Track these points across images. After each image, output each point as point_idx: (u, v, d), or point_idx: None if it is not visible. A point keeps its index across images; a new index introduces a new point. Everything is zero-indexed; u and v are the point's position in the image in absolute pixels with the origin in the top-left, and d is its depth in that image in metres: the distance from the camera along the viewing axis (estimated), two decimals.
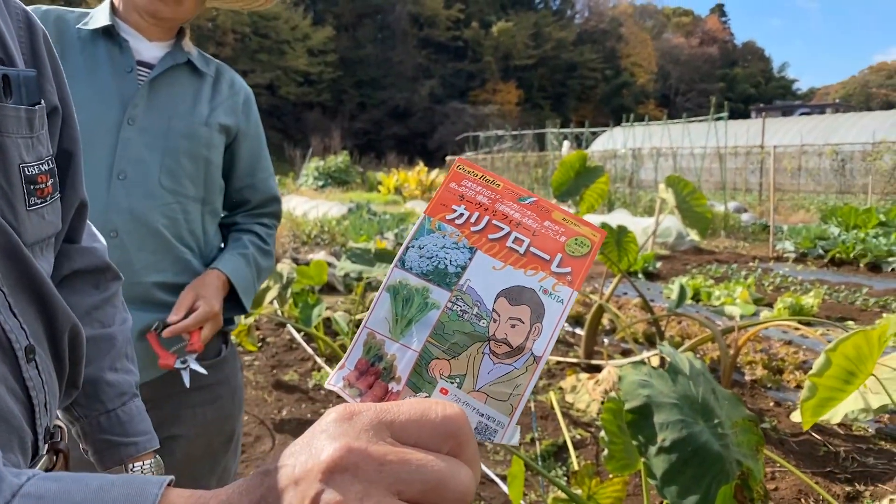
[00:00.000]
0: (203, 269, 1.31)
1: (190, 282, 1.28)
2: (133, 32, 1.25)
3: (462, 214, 0.49)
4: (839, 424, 2.98)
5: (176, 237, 1.26)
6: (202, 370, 1.22)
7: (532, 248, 0.47)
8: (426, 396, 0.44)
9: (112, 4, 1.26)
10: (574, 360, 3.94)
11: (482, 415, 0.44)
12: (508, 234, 0.48)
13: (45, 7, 1.23)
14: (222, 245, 1.42)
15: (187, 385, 1.21)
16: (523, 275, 0.46)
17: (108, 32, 1.23)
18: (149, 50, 1.26)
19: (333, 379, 0.45)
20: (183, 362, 1.20)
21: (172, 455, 1.29)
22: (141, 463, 0.81)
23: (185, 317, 1.20)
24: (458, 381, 0.44)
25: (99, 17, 1.23)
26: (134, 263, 1.20)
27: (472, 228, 0.48)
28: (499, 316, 0.45)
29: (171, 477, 0.38)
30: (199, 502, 0.36)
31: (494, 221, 0.48)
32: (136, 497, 0.35)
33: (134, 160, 1.20)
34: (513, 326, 0.44)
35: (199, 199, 1.31)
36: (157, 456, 0.84)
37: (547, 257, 0.47)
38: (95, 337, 0.78)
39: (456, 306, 0.45)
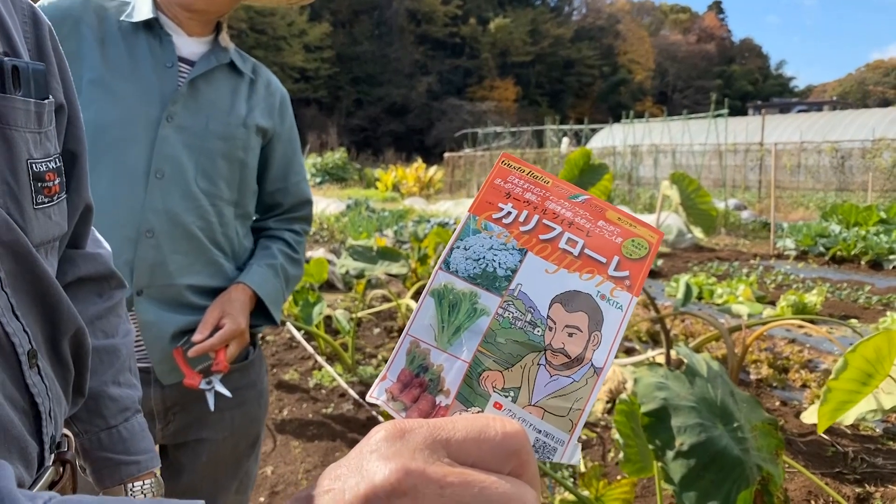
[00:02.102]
0: (235, 273, 1.29)
1: (222, 285, 1.26)
2: (173, 26, 1.22)
3: (510, 213, 0.45)
4: (846, 425, 2.96)
5: (210, 240, 1.24)
6: (227, 393, 1.19)
7: (587, 250, 0.44)
8: (478, 411, 0.40)
9: None
10: None
11: (539, 431, 0.40)
12: (561, 234, 0.44)
13: None
14: (253, 248, 1.39)
15: (211, 408, 1.19)
16: (578, 279, 0.42)
17: (149, 26, 1.19)
18: (188, 46, 1.23)
19: (376, 392, 0.42)
20: (208, 383, 1.18)
21: (198, 458, 1.27)
22: (141, 483, 0.77)
23: (211, 335, 1.17)
24: (512, 394, 0.41)
25: (142, 9, 1.19)
26: (168, 264, 1.17)
27: (521, 228, 0.44)
28: (554, 324, 0.41)
29: (202, 502, 0.35)
30: None
31: (545, 221, 0.45)
32: None
33: (171, 159, 1.17)
34: (570, 335, 0.41)
35: (233, 202, 1.28)
36: (158, 475, 0.80)
37: (603, 260, 0.43)
38: (99, 348, 0.74)
39: (507, 313, 0.42)
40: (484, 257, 0.44)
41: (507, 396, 0.41)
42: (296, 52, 46.96)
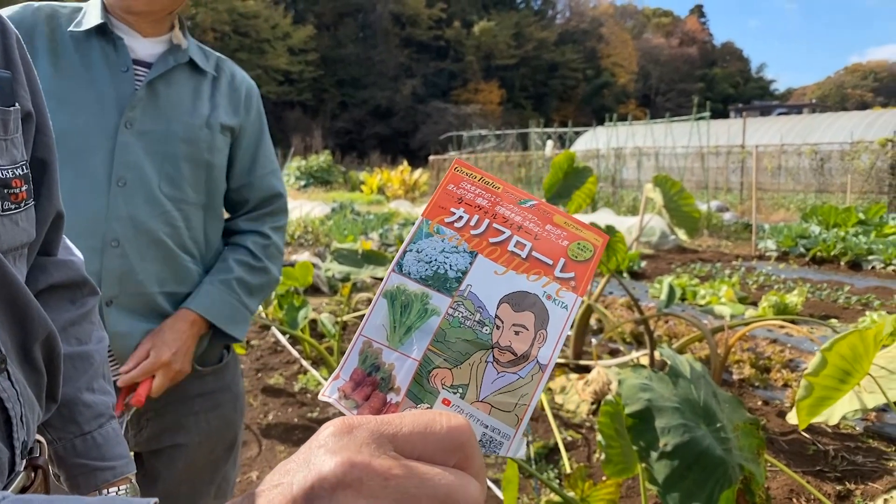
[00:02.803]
0: (203, 277, 1.27)
1: (191, 291, 1.23)
2: (126, 29, 1.20)
3: (461, 217, 0.47)
4: (826, 423, 3.00)
5: (178, 245, 1.21)
6: (120, 428, 1.18)
7: (534, 253, 0.46)
8: (428, 407, 0.42)
9: (103, 1, 1.20)
10: (563, 361, 3.92)
11: (487, 426, 0.42)
12: (510, 237, 0.46)
13: (37, 3, 1.17)
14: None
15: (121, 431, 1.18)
16: (526, 280, 0.44)
17: (102, 31, 1.17)
18: (144, 47, 1.21)
19: (328, 390, 0.43)
20: (126, 411, 1.16)
21: (174, 464, 1.26)
22: (116, 488, 0.76)
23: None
24: (460, 391, 0.42)
25: (91, 16, 1.17)
26: (137, 273, 1.16)
27: (472, 232, 0.46)
28: (502, 322, 0.43)
29: (156, 500, 0.35)
30: None
31: (495, 225, 0.47)
32: None
33: (133, 166, 1.15)
34: (517, 333, 0.43)
35: (201, 204, 1.25)
36: (133, 481, 0.80)
37: (550, 262, 0.45)
38: (72, 355, 0.74)
39: (457, 313, 0.43)
40: (436, 259, 0.45)
41: (455, 393, 0.42)
42: (280, 54, 46.72)
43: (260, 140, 1.37)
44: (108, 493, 0.76)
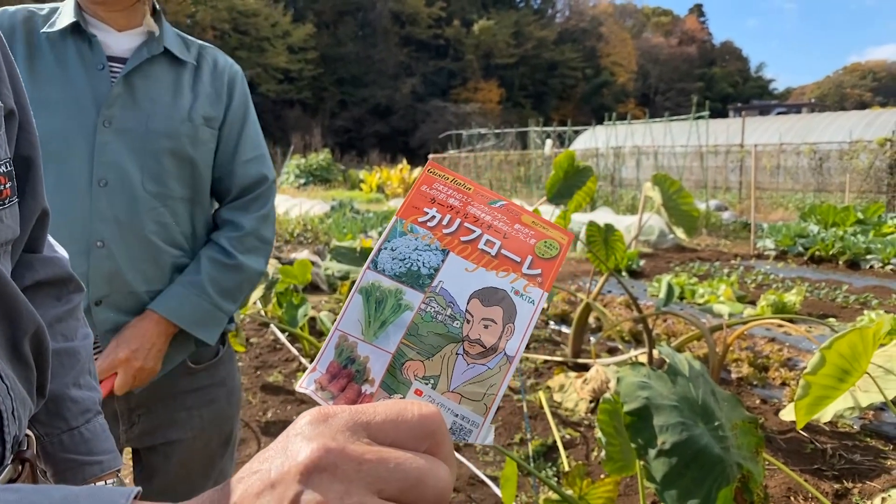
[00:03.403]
0: None
1: None
2: (101, 25, 1.18)
3: (434, 217, 0.49)
4: (825, 422, 3.00)
5: (168, 242, 1.20)
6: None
7: (503, 251, 0.48)
8: (401, 398, 0.44)
9: (76, 0, 1.18)
10: (561, 359, 3.92)
11: (457, 415, 0.44)
12: (480, 236, 0.49)
13: (13, 8, 1.16)
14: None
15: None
16: (495, 276, 0.47)
17: (76, 29, 1.15)
18: (119, 43, 1.19)
19: (305, 382, 0.45)
20: None
21: (170, 460, 1.26)
22: (104, 482, 0.77)
23: None
24: (432, 381, 0.44)
25: (65, 15, 1.16)
26: (125, 273, 1.15)
27: (444, 231, 0.49)
28: (472, 317, 0.45)
29: (139, 488, 0.36)
30: None
31: (466, 224, 0.49)
32: None
33: (114, 165, 1.13)
34: (486, 327, 0.45)
35: (188, 198, 1.24)
36: (120, 475, 0.81)
37: (518, 259, 0.48)
38: (59, 351, 0.74)
39: (429, 308, 0.46)
40: (409, 257, 0.47)
41: (427, 384, 0.44)
42: (279, 53, 46.67)
43: (243, 126, 1.32)
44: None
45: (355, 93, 52.02)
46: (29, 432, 0.66)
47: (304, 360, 3.94)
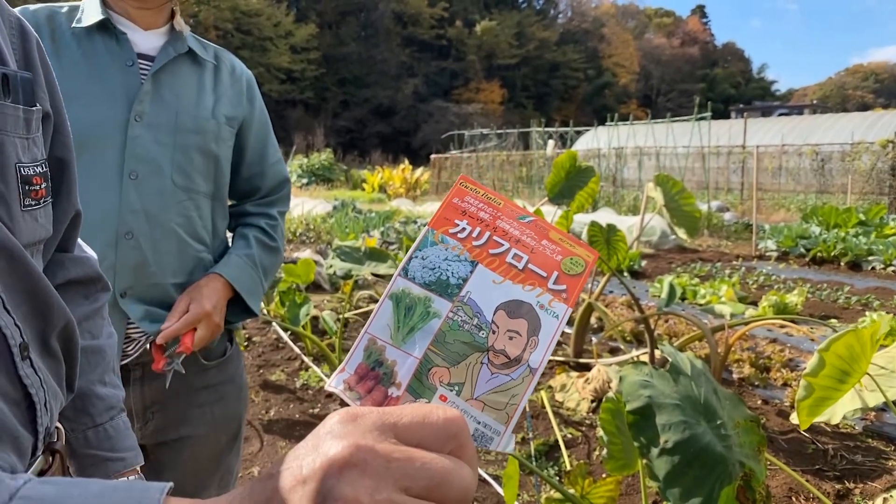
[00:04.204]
0: (213, 266, 1.29)
1: None
2: (127, 23, 1.20)
3: (464, 229, 0.51)
4: (826, 422, 3.01)
5: (191, 235, 1.24)
6: (181, 369, 1.19)
7: (530, 265, 0.50)
8: (426, 402, 0.45)
9: None
10: (563, 359, 3.93)
11: (479, 422, 0.45)
12: (508, 250, 0.50)
13: (33, 7, 1.18)
14: (230, 235, 1.39)
15: (166, 386, 1.20)
16: (521, 290, 0.48)
17: (104, 26, 1.18)
18: (145, 41, 1.22)
19: (334, 381, 0.46)
20: (169, 364, 1.18)
21: (179, 456, 1.28)
22: (126, 479, 0.78)
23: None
24: (456, 388, 0.46)
25: (91, 12, 1.18)
26: (151, 265, 1.17)
27: (474, 243, 0.50)
28: (497, 328, 0.47)
29: (171, 484, 0.37)
30: None
31: (495, 237, 0.51)
32: (139, 503, 0.35)
33: (144, 159, 1.16)
34: (511, 338, 0.47)
35: (210, 194, 1.28)
36: (141, 472, 0.82)
37: (544, 274, 0.49)
38: (85, 349, 0.76)
39: (457, 316, 0.47)
40: (439, 267, 0.49)
41: (451, 390, 0.46)
42: (282, 53, 46.71)
43: (267, 130, 1.41)
44: None
45: (357, 93, 52.05)
46: (59, 425, 0.67)
47: (306, 359, 3.95)
